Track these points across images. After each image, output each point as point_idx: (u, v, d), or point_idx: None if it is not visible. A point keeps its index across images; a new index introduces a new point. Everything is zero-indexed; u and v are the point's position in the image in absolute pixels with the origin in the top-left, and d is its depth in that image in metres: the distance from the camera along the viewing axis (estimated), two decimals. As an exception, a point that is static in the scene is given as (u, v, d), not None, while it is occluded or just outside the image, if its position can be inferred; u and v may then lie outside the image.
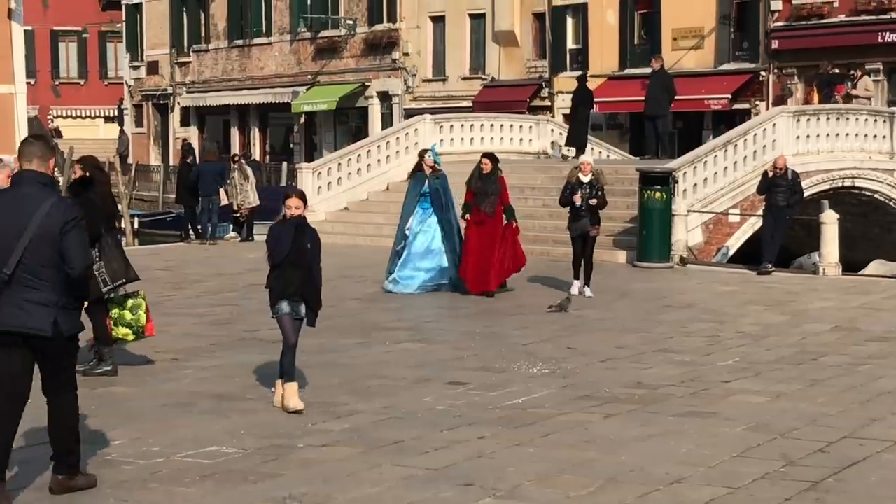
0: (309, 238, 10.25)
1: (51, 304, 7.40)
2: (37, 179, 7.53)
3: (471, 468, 8.59)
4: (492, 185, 17.92)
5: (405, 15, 45.96)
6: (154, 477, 8.32)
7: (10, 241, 7.34)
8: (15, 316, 7.36)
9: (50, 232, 7.35)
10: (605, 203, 18.10)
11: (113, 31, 64.66)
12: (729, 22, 37.62)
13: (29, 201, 7.42)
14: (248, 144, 53.04)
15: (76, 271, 7.41)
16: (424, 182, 18.42)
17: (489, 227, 17.85)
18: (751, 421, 10.09)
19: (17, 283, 7.34)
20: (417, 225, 18.36)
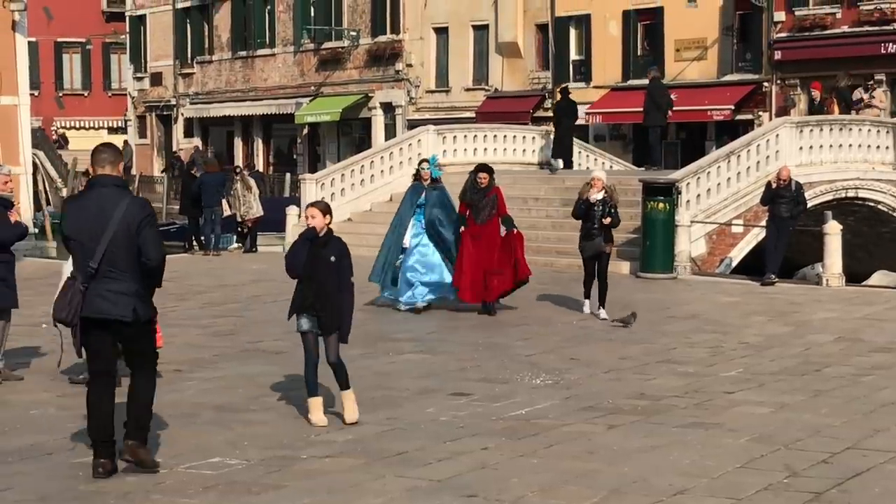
0: (333, 251, 10.02)
1: (130, 293, 8.31)
2: (111, 182, 8.43)
3: (474, 479, 8.59)
4: (488, 197, 17.26)
5: (408, 26, 46.03)
6: (157, 488, 8.32)
7: (95, 238, 8.24)
8: (101, 305, 8.28)
9: (129, 228, 8.24)
10: (619, 220, 17.28)
11: (117, 43, 64.77)
12: (732, 33, 37.65)
13: (108, 201, 8.30)
14: (252, 155, 53.09)
15: (153, 261, 8.33)
16: (422, 193, 17.71)
17: (484, 238, 17.19)
18: (754, 432, 10.08)
19: (101, 275, 8.26)
20: (414, 238, 17.57)
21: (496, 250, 17.17)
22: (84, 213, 8.39)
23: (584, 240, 17.15)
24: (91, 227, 8.29)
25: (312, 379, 10.22)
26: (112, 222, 8.24)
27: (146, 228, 8.31)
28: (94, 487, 8.32)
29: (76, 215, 8.47)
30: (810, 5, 35.96)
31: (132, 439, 8.65)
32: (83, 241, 8.34)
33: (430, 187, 17.66)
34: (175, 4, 56.76)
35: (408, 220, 17.62)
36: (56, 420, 10.48)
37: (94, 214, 8.31)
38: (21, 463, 8.94)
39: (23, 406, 11.03)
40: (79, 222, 8.40)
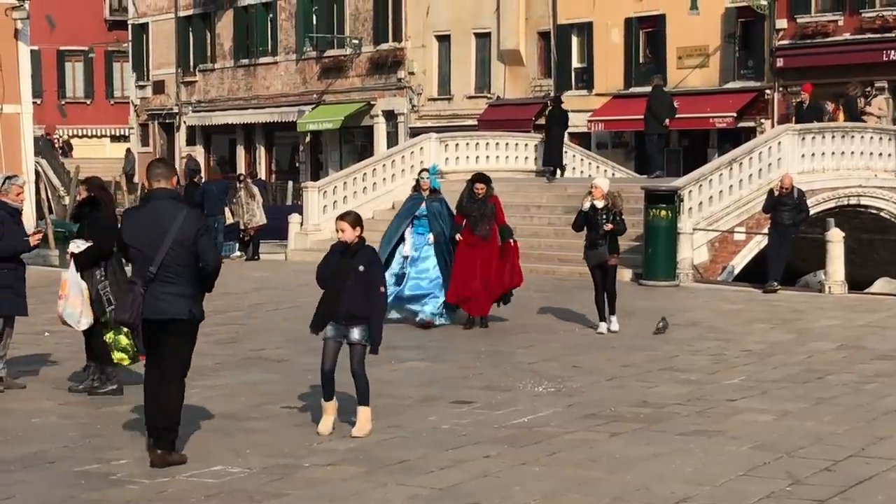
0: (362, 260, 10.00)
1: (186, 295, 9.07)
2: (167, 195, 9.20)
3: (476, 487, 8.58)
4: (485, 207, 16.66)
5: (410, 34, 46.06)
6: (160, 497, 8.32)
7: (154, 247, 8.96)
8: (160, 306, 9.00)
9: (186, 237, 8.98)
10: (624, 229, 16.51)
11: (119, 51, 64.85)
12: (734, 40, 37.65)
13: (165, 213, 9.04)
14: (254, 163, 53.11)
15: (210, 266, 9.12)
16: (421, 204, 17.03)
17: (481, 249, 16.60)
18: (757, 440, 10.07)
19: (159, 279, 8.98)
20: (413, 250, 16.90)
21: (493, 262, 16.63)
22: (142, 223, 9.11)
23: (588, 249, 16.49)
24: (150, 237, 9.00)
25: (324, 384, 10.24)
26: (170, 232, 8.96)
27: (202, 237, 9.11)
28: (96, 496, 8.33)
29: (134, 226, 9.18)
30: (812, 13, 35.96)
31: (162, 448, 9.14)
32: (142, 248, 9.05)
33: (429, 198, 17.03)
34: (177, 13, 56.84)
35: (403, 230, 17.01)
36: (58, 428, 10.48)
37: (151, 225, 9.03)
38: (23, 471, 8.94)
39: (25, 414, 11.03)
40: (137, 232, 9.11)
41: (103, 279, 11.76)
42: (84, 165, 53.62)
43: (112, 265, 11.91)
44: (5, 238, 11.82)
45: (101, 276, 11.77)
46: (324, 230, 27.26)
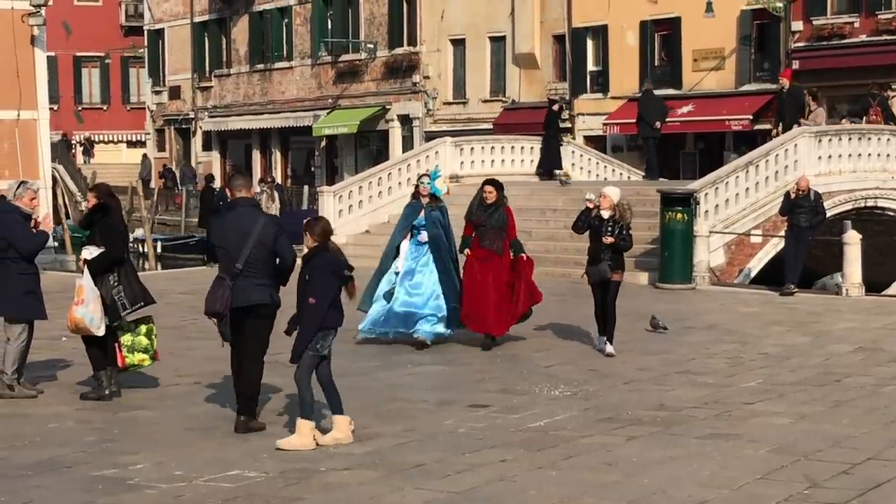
0: (309, 268, 10.10)
1: (266, 285, 10.52)
2: (248, 203, 10.83)
3: (493, 491, 8.57)
4: (496, 217, 15.18)
5: (425, 38, 46.06)
6: (177, 501, 8.32)
7: (240, 246, 10.42)
8: (247, 295, 10.39)
9: (266, 239, 10.48)
10: (629, 245, 14.95)
11: (135, 57, 65.03)
12: (750, 43, 37.58)
13: (247, 219, 10.56)
14: (270, 168, 53.18)
15: (288, 262, 10.58)
16: (420, 212, 15.56)
17: (493, 263, 15.14)
18: (774, 443, 10.05)
19: (243, 274, 10.38)
20: (411, 262, 15.40)
21: (505, 278, 15.20)
22: (228, 227, 10.61)
23: (590, 264, 14.98)
24: (235, 238, 10.46)
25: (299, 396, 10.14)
26: (253, 234, 10.44)
27: (280, 238, 10.57)
28: (112, 501, 8.34)
29: (221, 229, 10.70)
30: (828, 14, 35.87)
31: (245, 415, 10.55)
32: (229, 248, 10.48)
33: (428, 206, 15.52)
34: (193, 18, 56.94)
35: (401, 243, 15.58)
36: (75, 433, 10.50)
37: (236, 228, 10.50)
38: (40, 476, 8.95)
39: (42, 419, 11.05)
40: (224, 234, 10.59)
41: (117, 284, 11.81)
42: (101, 171, 53.88)
43: (125, 269, 11.95)
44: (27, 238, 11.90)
45: (114, 280, 11.81)
46: (339, 234, 27.24)
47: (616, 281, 14.89)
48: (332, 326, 9.97)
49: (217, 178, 40.41)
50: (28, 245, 11.93)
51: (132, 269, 12.20)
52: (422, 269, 15.33)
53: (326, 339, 9.95)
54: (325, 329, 9.92)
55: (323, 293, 9.91)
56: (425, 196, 15.59)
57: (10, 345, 12.00)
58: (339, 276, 10.00)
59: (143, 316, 12.28)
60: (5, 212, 12.00)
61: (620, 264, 14.95)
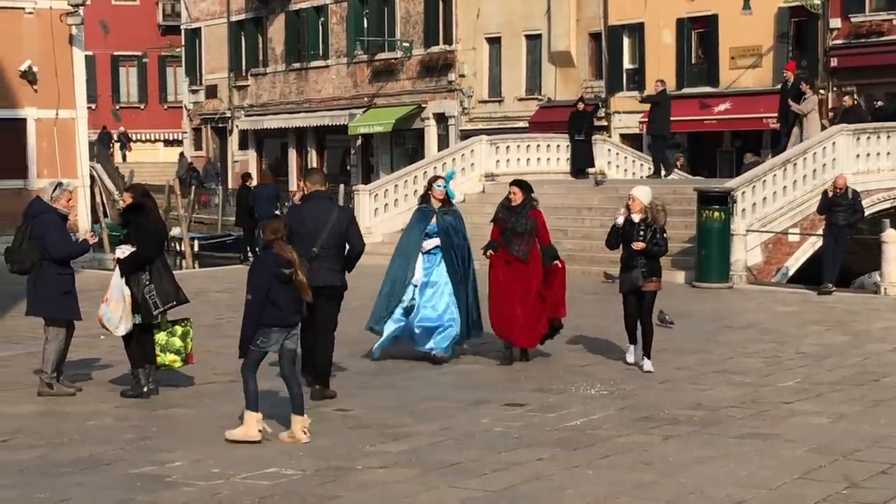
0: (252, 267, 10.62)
1: (338, 269, 11.98)
2: (323, 195, 12.36)
3: (529, 490, 8.56)
4: (523, 220, 13.89)
5: (461, 36, 46.06)
6: (214, 499, 8.36)
7: (317, 233, 11.80)
8: (321, 277, 11.57)
9: (339, 227, 11.94)
10: (664, 249, 13.57)
11: (172, 56, 65.32)
12: (787, 40, 37.37)
13: (322, 209, 12.06)
14: (306, 167, 53.28)
15: (357, 249, 12.10)
16: (431, 218, 14.23)
17: (519, 270, 13.88)
18: (812, 442, 10.00)
19: (319, 258, 11.72)
20: (424, 275, 14.15)
21: (535, 286, 13.96)
22: (304, 216, 11.99)
23: (622, 271, 13.74)
24: (312, 226, 11.82)
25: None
26: (328, 223, 11.87)
27: (351, 227, 12.12)
28: (151, 498, 8.38)
29: (299, 218, 11.95)
30: (867, 12, 35.64)
31: (320, 384, 11.92)
32: (305, 235, 11.63)
33: (441, 211, 14.23)
34: (230, 17, 57.14)
35: (414, 255, 14.25)
36: (113, 431, 10.56)
37: (312, 218, 11.92)
38: (79, 474, 9.01)
39: (81, 417, 11.12)
40: (301, 222, 11.81)
41: (148, 283, 11.87)
42: (138, 169, 54.13)
43: (157, 267, 12.01)
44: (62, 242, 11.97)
45: (146, 279, 11.88)
46: (375, 233, 27.32)
47: (651, 291, 13.57)
48: (271, 324, 10.02)
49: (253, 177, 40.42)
50: (61, 249, 11.96)
51: (166, 267, 12.24)
52: (435, 280, 14.13)
53: (269, 336, 10.04)
54: (266, 326, 10.01)
55: (257, 290, 10.01)
56: (438, 200, 14.26)
57: (48, 344, 12.08)
58: (277, 276, 10.05)
59: (182, 317, 12.34)
60: (42, 212, 12.07)
61: (656, 271, 13.58)
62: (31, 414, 11.33)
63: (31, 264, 11.95)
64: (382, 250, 21.63)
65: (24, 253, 11.97)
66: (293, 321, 10.16)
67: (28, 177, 30.15)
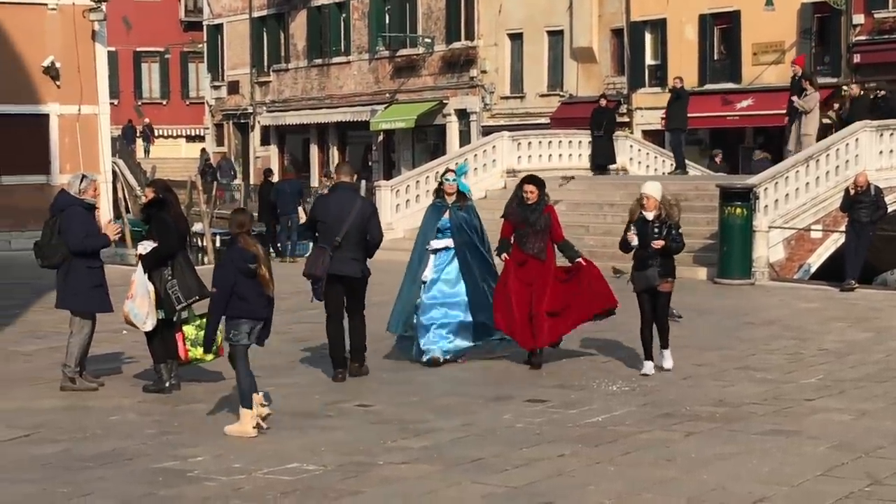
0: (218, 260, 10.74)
1: (359, 259, 12.55)
2: (349, 187, 12.90)
3: (551, 486, 8.56)
4: (537, 217, 13.35)
5: (483, 32, 46.03)
6: (237, 493, 8.38)
7: (340, 223, 12.37)
8: (341, 266, 12.41)
9: (361, 218, 12.49)
10: (681, 246, 13.19)
11: (194, 52, 65.42)
12: (810, 36, 37.24)
13: (346, 200, 12.59)
14: (327, 163, 53.35)
15: (375, 239, 12.66)
16: (444, 213, 13.79)
17: (534, 269, 13.37)
18: (835, 439, 9.97)
19: (341, 247, 12.37)
20: (434, 272, 13.69)
21: (549, 286, 13.38)
22: (330, 206, 12.60)
23: (636, 270, 13.17)
24: (336, 216, 12.43)
25: None
26: (351, 214, 12.41)
27: (372, 218, 12.65)
28: (174, 492, 8.41)
29: (325, 207, 12.70)
30: (890, 7, 35.47)
31: (357, 362, 12.79)
32: (330, 224, 12.41)
33: (454, 206, 13.77)
34: (252, 13, 57.23)
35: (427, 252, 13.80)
36: (136, 426, 10.60)
37: (337, 207, 12.48)
38: (101, 468, 9.04)
39: (103, 412, 11.16)
40: (326, 212, 12.58)
41: (171, 278, 11.91)
42: (160, 165, 54.22)
43: (179, 262, 12.05)
44: (89, 236, 12.03)
45: (168, 275, 11.92)
46: (396, 229, 27.32)
47: (665, 292, 13.15)
48: (238, 316, 10.21)
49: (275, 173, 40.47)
50: (77, 243, 11.98)
51: (188, 262, 12.27)
52: (446, 278, 13.66)
53: (239, 328, 10.25)
54: (233, 319, 10.23)
55: (223, 283, 10.21)
56: (451, 195, 13.79)
57: (73, 338, 12.13)
58: (242, 270, 10.19)
59: None
60: (69, 205, 12.13)
61: (671, 271, 13.13)
62: (53, 408, 11.38)
63: (61, 258, 12.02)
64: (403, 246, 21.59)
65: (53, 247, 12.03)
66: (262, 314, 10.37)
67: (50, 172, 30.33)
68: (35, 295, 19.30)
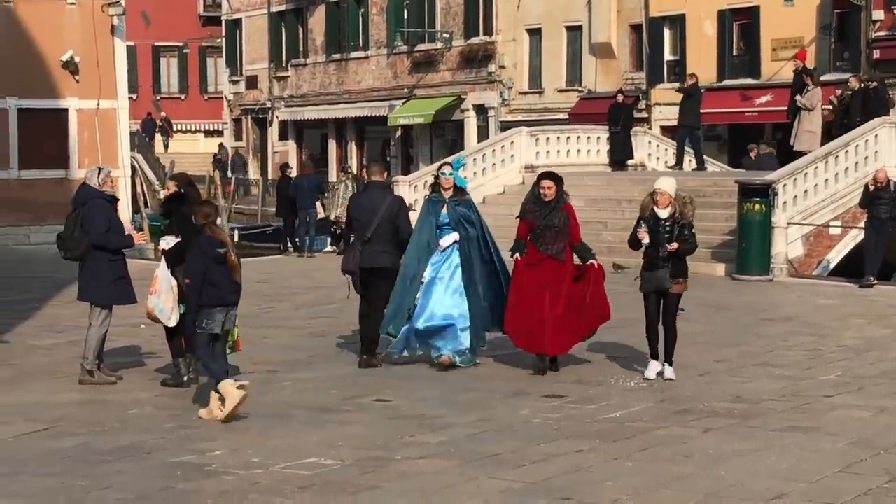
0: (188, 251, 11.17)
1: (389, 252, 13.06)
2: (380, 185, 13.66)
3: (568, 482, 8.56)
4: (556, 215, 12.68)
5: (501, 28, 45.98)
6: (254, 488, 8.39)
7: (371, 220, 12.94)
8: (372, 259, 12.98)
9: (391, 215, 13.04)
10: (694, 246, 12.52)
11: (213, 47, 65.50)
12: (829, 32, 37.09)
13: (377, 198, 13.23)
14: (346, 158, 53.39)
15: (404, 234, 13.10)
16: (441, 208, 13.28)
17: (550, 270, 12.66)
18: (853, 436, 9.94)
19: (371, 242, 12.94)
20: (432, 271, 13.18)
21: (568, 287, 12.71)
22: (363, 204, 13.19)
23: (645, 269, 12.52)
24: (368, 213, 12.98)
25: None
26: (381, 211, 12.97)
27: (400, 214, 13.13)
28: (192, 486, 8.42)
29: (359, 206, 13.27)
30: (910, 3, 35.33)
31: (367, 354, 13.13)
32: (364, 221, 12.99)
33: (452, 201, 13.28)
34: (270, 8, 57.27)
35: (428, 251, 13.23)
36: (154, 419, 10.63)
37: (369, 204, 13.08)
38: (120, 462, 9.07)
39: (121, 405, 11.20)
40: (360, 210, 13.16)
41: None
42: (178, 160, 54.35)
43: None
44: (112, 231, 12.08)
45: None
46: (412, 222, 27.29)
47: (676, 294, 12.46)
48: (211, 304, 10.54)
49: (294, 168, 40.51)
50: (99, 237, 12.00)
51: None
52: (442, 276, 13.16)
53: (212, 316, 10.57)
54: (206, 307, 10.53)
55: (195, 273, 10.58)
56: (448, 189, 13.30)
57: (91, 330, 12.17)
58: (213, 256, 10.56)
59: None
60: (91, 198, 12.17)
61: (682, 271, 12.44)
62: (72, 402, 11.42)
63: (83, 251, 12.07)
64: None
65: (75, 240, 12.10)
66: (232, 300, 10.71)
67: (69, 167, 30.42)
68: (54, 288, 19.37)
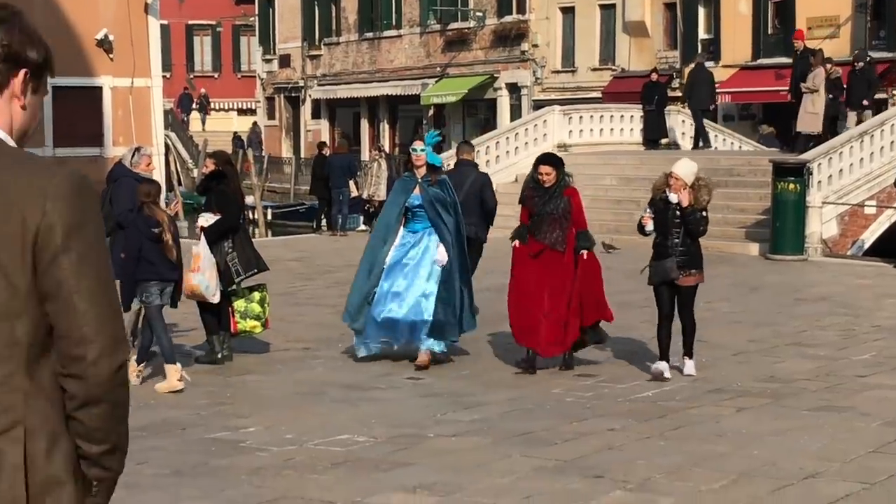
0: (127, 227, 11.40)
1: (474, 223, 14.04)
2: (468, 163, 15.28)
3: (600, 460, 8.57)
4: (556, 201, 11.60)
5: (535, 6, 45.86)
6: (288, 464, 8.44)
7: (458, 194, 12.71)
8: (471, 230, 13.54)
9: (475, 190, 14.58)
10: (703, 231, 11.36)
11: (246, 25, 65.65)
12: (865, 10, 36.83)
13: (465, 174, 14.76)
14: (378, 137, 53.43)
15: (488, 206, 14.75)
16: (413, 188, 12.12)
17: (550, 261, 11.58)
18: (887, 416, 9.91)
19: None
20: (398, 253, 12.05)
21: (570, 279, 11.62)
22: (454, 180, 13.12)
23: (654, 258, 11.54)
24: (457, 188, 12.94)
25: None
26: (466, 186, 14.29)
27: (484, 188, 14.74)
28: (226, 462, 8.48)
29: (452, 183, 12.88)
30: (948, -20, 35.03)
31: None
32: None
33: (424, 180, 12.07)
34: (303, -13, 57.32)
35: (394, 231, 12.14)
36: (188, 396, 10.70)
37: (459, 181, 13.86)
38: (155, 437, 9.13)
39: (155, 382, 11.25)
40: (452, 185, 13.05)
41: (231, 250, 11.98)
42: (211, 138, 54.52)
43: (239, 235, 12.13)
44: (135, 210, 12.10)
45: (229, 247, 11.99)
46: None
47: (688, 286, 11.45)
48: (146, 279, 10.85)
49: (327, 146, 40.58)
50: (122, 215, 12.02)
51: (246, 235, 12.39)
52: (408, 262, 12.01)
53: (150, 290, 10.90)
54: (143, 281, 10.87)
55: (129, 249, 10.91)
56: (420, 167, 12.08)
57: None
58: (148, 236, 10.85)
59: (257, 283, 12.46)
60: (122, 176, 12.20)
61: (696, 262, 11.40)
62: (107, 378, 11.46)
63: (111, 227, 12.10)
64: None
65: (106, 217, 12.11)
66: (170, 276, 10.94)
67: (103, 144, 30.53)
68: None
